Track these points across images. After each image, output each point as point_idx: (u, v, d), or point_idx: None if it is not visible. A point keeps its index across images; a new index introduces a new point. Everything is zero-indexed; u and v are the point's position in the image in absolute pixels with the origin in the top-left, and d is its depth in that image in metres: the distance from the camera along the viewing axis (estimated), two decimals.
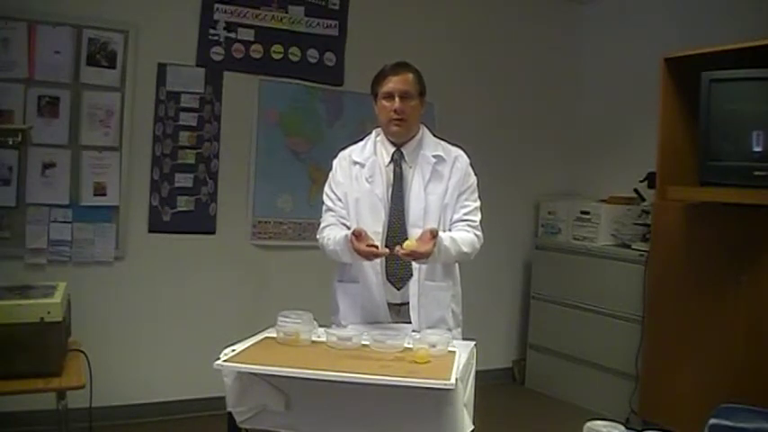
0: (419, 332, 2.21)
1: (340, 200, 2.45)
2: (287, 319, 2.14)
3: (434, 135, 2.53)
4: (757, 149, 3.06)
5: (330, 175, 2.52)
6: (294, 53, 4.03)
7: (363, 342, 2.09)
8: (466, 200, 2.44)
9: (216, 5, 3.80)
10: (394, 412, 1.88)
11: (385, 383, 1.78)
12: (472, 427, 1.90)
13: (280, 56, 4.00)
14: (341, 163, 2.51)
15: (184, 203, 3.80)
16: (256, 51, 3.93)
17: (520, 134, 4.78)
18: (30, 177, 3.41)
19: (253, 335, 2.19)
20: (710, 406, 2.35)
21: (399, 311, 2.40)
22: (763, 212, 3.09)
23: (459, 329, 2.49)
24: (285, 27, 4.00)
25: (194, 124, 3.80)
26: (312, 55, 4.09)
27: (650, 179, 3.95)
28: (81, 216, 3.53)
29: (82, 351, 2.31)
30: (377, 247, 2.20)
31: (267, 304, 3.62)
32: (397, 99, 2.35)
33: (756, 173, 3.04)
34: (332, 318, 2.48)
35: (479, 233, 2.43)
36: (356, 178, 2.44)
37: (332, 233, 2.38)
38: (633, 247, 4.04)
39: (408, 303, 2.38)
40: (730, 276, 3.24)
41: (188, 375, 3.65)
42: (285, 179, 4.04)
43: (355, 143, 2.54)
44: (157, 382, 3.71)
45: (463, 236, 2.37)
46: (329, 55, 4.13)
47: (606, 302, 4.13)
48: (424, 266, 2.36)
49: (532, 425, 4.05)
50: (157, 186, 3.73)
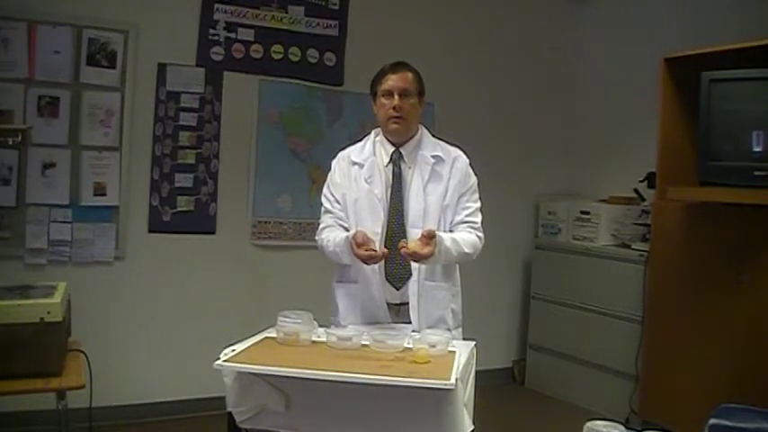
0: (419, 332, 2.21)
1: (338, 201, 2.45)
2: (287, 319, 2.14)
3: (434, 135, 2.53)
4: (757, 149, 3.05)
5: (328, 177, 2.52)
6: (294, 53, 4.03)
7: (363, 342, 2.09)
8: (467, 201, 2.44)
9: (216, 5, 3.80)
10: (394, 412, 1.88)
11: (385, 383, 1.78)
12: (472, 427, 1.90)
13: (280, 56, 4.00)
14: (339, 164, 2.51)
15: (184, 203, 3.80)
16: (256, 51, 3.93)
17: (520, 134, 4.78)
18: (30, 177, 3.41)
19: (253, 335, 2.19)
20: (710, 406, 2.35)
21: (399, 311, 2.40)
22: (763, 212, 3.09)
23: (459, 329, 2.49)
24: (285, 27, 4.00)
25: (194, 124, 3.80)
26: (312, 55, 4.09)
27: (650, 179, 3.94)
28: (81, 216, 3.53)
29: (82, 351, 2.31)
30: (376, 251, 2.20)
31: (267, 304, 3.61)
32: (397, 97, 2.36)
33: (756, 173, 3.03)
34: (331, 318, 2.48)
35: (481, 234, 2.43)
36: (355, 179, 2.44)
37: (331, 235, 2.38)
38: (633, 247, 4.04)
39: (408, 303, 2.38)
40: (730, 276, 3.24)
41: (188, 375, 3.65)
42: (285, 179, 4.04)
43: (354, 144, 2.54)
44: (157, 382, 3.71)
45: (465, 236, 2.37)
46: (329, 55, 4.13)
47: (606, 302, 4.13)
48: (424, 266, 2.36)
49: (532, 425, 4.05)
50: (157, 186, 3.73)
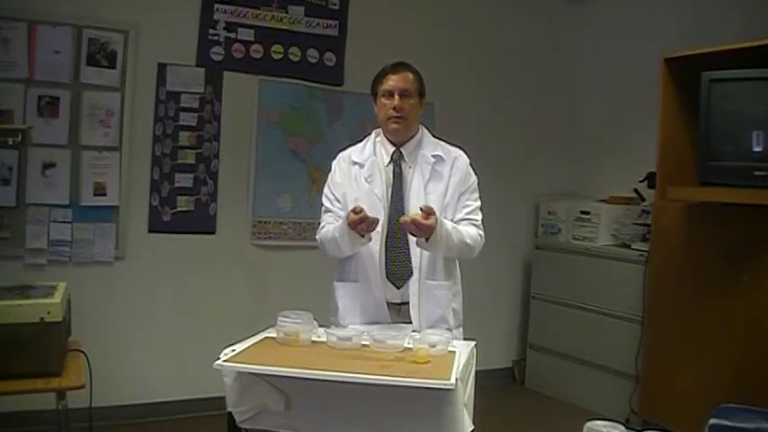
0: (419, 332, 2.20)
1: (338, 201, 2.45)
2: (287, 319, 2.14)
3: (434, 135, 2.53)
4: (757, 149, 3.05)
5: (329, 177, 2.52)
6: (294, 53, 4.03)
7: (363, 342, 2.09)
8: (467, 200, 2.44)
9: (216, 5, 3.80)
10: (394, 412, 1.88)
11: (385, 383, 1.78)
12: (472, 427, 1.90)
13: (280, 56, 4.00)
14: (340, 164, 2.51)
15: (184, 203, 3.80)
16: (256, 51, 3.93)
17: (520, 134, 4.78)
18: (30, 177, 3.41)
19: (253, 335, 2.18)
20: (710, 406, 2.34)
21: (399, 311, 2.40)
22: (763, 212, 3.09)
23: (459, 329, 2.48)
24: (285, 27, 4.00)
25: (194, 124, 3.80)
26: (312, 55, 4.09)
27: (650, 179, 3.94)
28: (81, 216, 3.53)
29: (82, 351, 2.31)
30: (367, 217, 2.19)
31: (267, 304, 3.61)
32: (397, 97, 2.36)
33: (756, 173, 3.03)
34: (331, 318, 2.48)
35: (481, 232, 2.43)
36: (355, 179, 2.44)
37: (331, 227, 2.38)
38: (633, 247, 4.04)
39: (408, 303, 2.38)
40: (730, 276, 3.24)
41: (188, 375, 3.65)
42: (285, 179, 4.04)
43: (354, 144, 2.54)
44: (157, 382, 3.71)
45: (466, 229, 2.37)
46: (329, 55, 4.13)
47: (606, 302, 4.13)
48: (425, 265, 2.36)
49: (532, 425, 4.05)
50: (157, 186, 3.73)
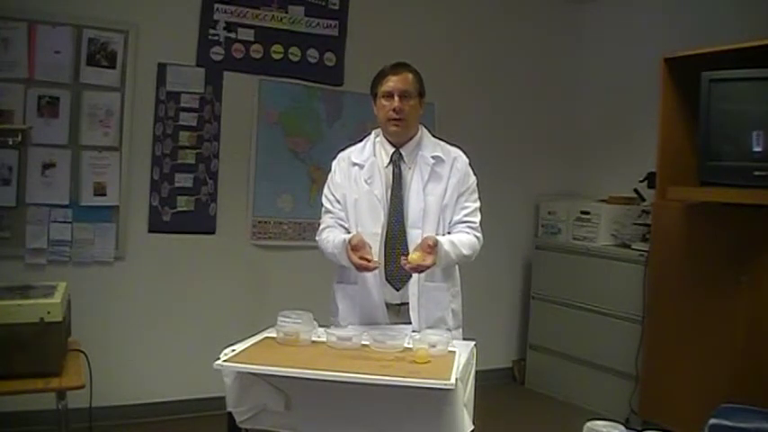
0: (419, 332, 2.21)
1: (338, 201, 2.45)
2: (287, 319, 2.14)
3: (433, 136, 2.53)
4: (757, 149, 3.05)
5: (329, 177, 2.52)
6: (294, 53, 4.03)
7: (363, 342, 2.09)
8: (466, 201, 2.44)
9: (216, 5, 3.80)
10: (394, 412, 1.88)
11: (385, 383, 1.78)
12: (472, 427, 1.90)
13: (280, 56, 4.00)
14: (339, 164, 2.51)
15: (184, 203, 3.80)
16: (256, 51, 3.93)
17: (520, 134, 4.78)
18: (30, 177, 3.41)
19: (253, 335, 2.19)
20: (710, 406, 2.35)
21: (399, 312, 2.40)
22: (763, 212, 3.09)
23: (459, 330, 2.48)
24: (285, 27, 4.00)
25: (194, 124, 3.80)
26: (312, 55, 4.09)
27: (650, 179, 3.94)
28: (81, 216, 3.53)
29: (82, 351, 2.32)
30: (370, 260, 2.20)
31: (267, 304, 3.62)
32: (397, 98, 2.36)
33: (756, 173, 3.03)
34: (331, 319, 2.48)
35: (479, 234, 2.43)
36: (355, 179, 2.44)
37: (330, 235, 2.38)
38: (633, 247, 4.04)
39: (407, 304, 2.38)
40: (730, 276, 3.24)
41: (188, 375, 3.66)
42: (285, 179, 4.04)
43: (354, 144, 2.54)
44: (157, 382, 3.71)
45: (463, 238, 2.37)
46: (329, 55, 4.13)
47: (606, 302, 4.13)
48: None
49: (532, 425, 4.05)
50: (157, 186, 3.73)
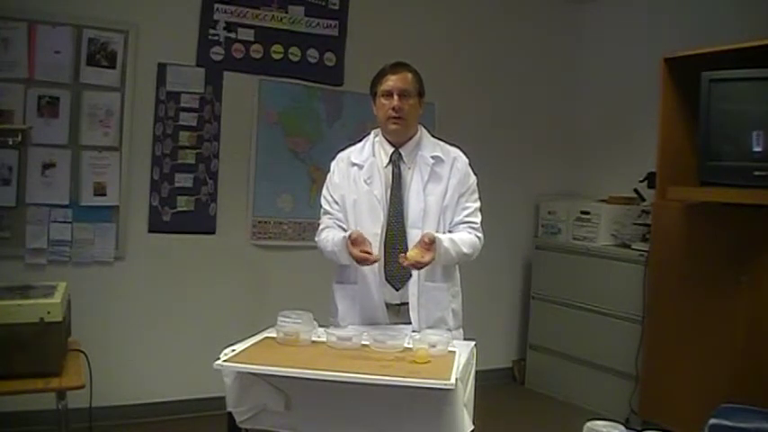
0: (419, 332, 2.21)
1: (337, 202, 2.45)
2: (287, 319, 2.14)
3: (433, 136, 2.53)
4: (757, 149, 3.05)
5: (328, 178, 2.52)
6: (294, 53, 4.03)
7: (363, 342, 2.09)
8: (466, 201, 2.44)
9: (216, 5, 3.80)
10: (394, 412, 1.88)
11: (385, 383, 1.78)
12: (472, 427, 1.90)
13: (280, 56, 4.00)
14: (338, 165, 2.51)
15: (184, 203, 3.80)
16: (256, 51, 3.93)
17: (520, 134, 4.78)
18: (30, 177, 3.41)
19: (253, 335, 2.19)
20: (710, 406, 2.35)
21: (398, 312, 2.40)
22: (763, 212, 3.09)
23: (459, 330, 2.48)
24: (285, 27, 4.00)
25: (194, 124, 3.80)
26: (312, 55, 4.09)
27: (650, 179, 3.94)
28: (81, 216, 3.53)
29: (82, 351, 2.32)
30: (370, 254, 2.21)
31: (267, 304, 3.62)
32: (396, 97, 2.36)
33: (756, 173, 3.03)
34: (330, 319, 2.47)
35: (480, 234, 2.43)
36: (354, 180, 2.43)
37: (330, 235, 2.38)
38: (633, 247, 4.04)
39: (407, 304, 2.37)
40: (730, 276, 3.24)
41: (188, 375, 3.66)
42: (285, 179, 4.04)
43: (353, 144, 2.53)
44: (157, 382, 3.71)
45: (463, 237, 2.37)
46: (329, 55, 4.13)
47: (606, 302, 4.13)
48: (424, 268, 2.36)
49: (532, 425, 4.05)
50: (157, 186, 3.73)
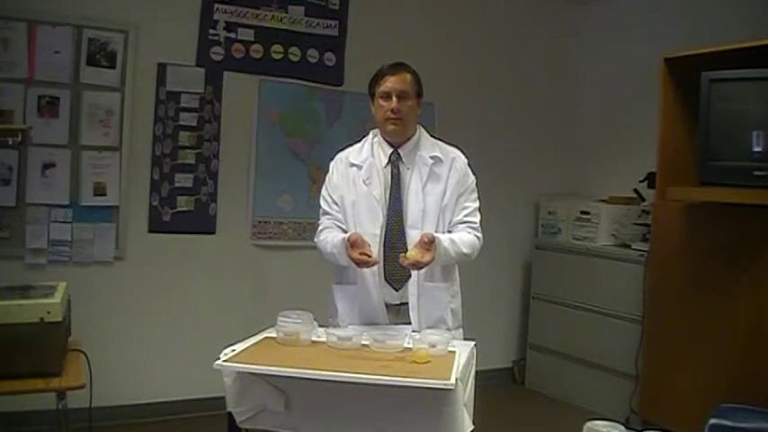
0: (419, 332, 2.21)
1: (336, 203, 2.45)
2: (287, 319, 2.15)
3: (432, 136, 2.53)
4: (757, 149, 3.05)
5: (326, 178, 2.52)
6: (294, 53, 4.03)
7: (363, 342, 2.09)
8: (465, 201, 2.44)
9: (216, 5, 3.80)
10: (394, 412, 1.88)
11: (385, 383, 1.78)
12: (472, 427, 1.90)
13: (280, 56, 4.00)
14: (337, 165, 2.51)
15: (184, 203, 3.80)
16: (256, 51, 3.93)
17: (520, 134, 4.78)
18: (30, 177, 3.41)
19: (253, 335, 2.19)
20: (710, 406, 2.35)
21: (398, 312, 2.40)
22: (763, 212, 3.09)
23: (459, 330, 2.48)
24: (285, 27, 4.00)
25: (194, 124, 3.80)
26: (312, 55, 4.09)
27: (650, 179, 3.94)
28: (81, 216, 3.53)
29: (82, 351, 2.32)
30: (370, 256, 2.21)
31: (267, 304, 3.62)
32: (394, 98, 2.36)
33: (756, 173, 3.03)
34: (330, 320, 2.47)
35: (479, 234, 2.44)
36: (353, 180, 2.43)
37: (329, 236, 2.38)
38: (633, 247, 4.04)
39: (407, 304, 2.37)
40: (730, 276, 3.24)
41: (188, 375, 3.65)
42: (285, 179, 4.04)
43: (352, 145, 2.53)
44: (157, 382, 3.71)
45: (463, 236, 2.37)
46: (329, 55, 4.13)
47: (606, 302, 4.13)
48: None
49: (532, 425, 4.05)
50: (157, 186, 3.73)
